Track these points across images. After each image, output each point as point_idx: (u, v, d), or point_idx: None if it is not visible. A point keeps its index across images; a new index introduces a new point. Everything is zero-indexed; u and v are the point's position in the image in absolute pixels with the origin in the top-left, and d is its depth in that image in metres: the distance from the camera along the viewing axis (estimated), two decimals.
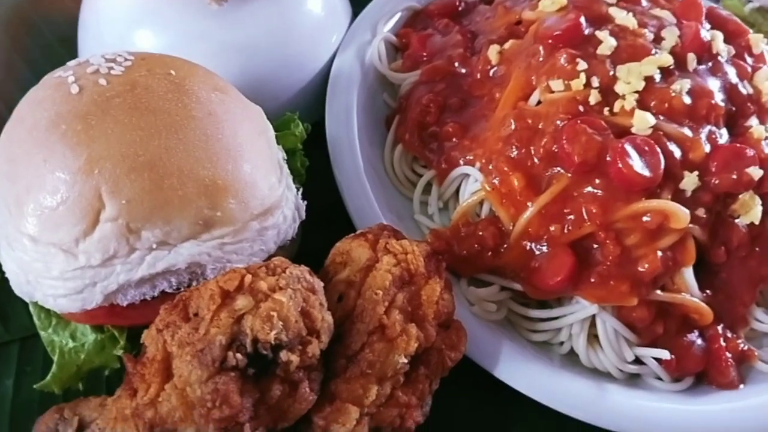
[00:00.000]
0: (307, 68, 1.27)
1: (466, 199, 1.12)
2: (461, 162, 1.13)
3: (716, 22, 1.21)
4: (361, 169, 1.16)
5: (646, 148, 0.99)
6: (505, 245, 1.07)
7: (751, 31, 1.23)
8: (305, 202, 1.00)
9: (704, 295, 1.06)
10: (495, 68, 1.19)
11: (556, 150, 1.02)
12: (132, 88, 0.87)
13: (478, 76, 1.20)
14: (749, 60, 1.18)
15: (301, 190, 1.01)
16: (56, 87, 0.89)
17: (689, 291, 1.04)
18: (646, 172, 0.97)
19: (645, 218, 0.99)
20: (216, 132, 0.88)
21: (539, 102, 1.09)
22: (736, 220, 1.07)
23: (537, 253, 1.04)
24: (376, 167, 1.21)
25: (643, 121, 1.01)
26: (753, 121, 1.13)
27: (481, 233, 1.08)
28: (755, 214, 1.06)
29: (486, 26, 1.29)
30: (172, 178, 0.83)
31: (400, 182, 1.22)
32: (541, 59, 1.11)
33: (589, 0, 1.17)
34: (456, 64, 1.24)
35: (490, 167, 1.08)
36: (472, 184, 1.12)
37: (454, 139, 1.15)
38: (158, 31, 1.18)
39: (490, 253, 1.07)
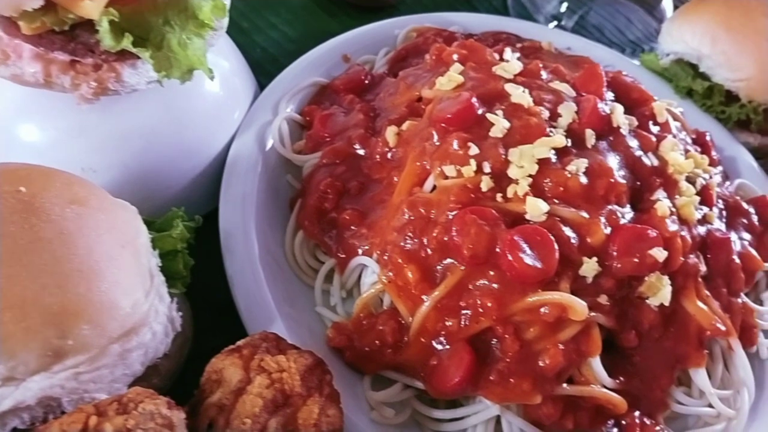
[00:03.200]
0: (203, 154, 1.22)
1: (366, 290, 1.06)
2: (359, 251, 1.08)
3: (620, 90, 1.18)
4: (256, 259, 1.09)
5: (538, 238, 0.94)
6: (406, 340, 1.01)
7: (655, 98, 1.20)
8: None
9: (618, 381, 1.01)
10: (393, 150, 1.14)
11: (447, 241, 0.97)
12: None
13: (378, 158, 1.16)
14: (655, 129, 1.15)
15: (175, 300, 0.94)
16: None
17: (598, 381, 0.98)
18: (538, 264, 0.93)
19: (543, 310, 0.94)
20: (67, 252, 0.82)
21: (435, 188, 1.04)
22: (647, 301, 1.03)
23: (438, 349, 0.99)
24: (276, 255, 1.15)
25: (535, 208, 0.97)
26: (660, 194, 1.09)
27: (381, 327, 1.02)
28: (664, 296, 1.01)
29: (388, 103, 1.26)
30: (13, 309, 0.77)
31: (303, 271, 1.15)
32: (435, 143, 1.07)
33: (485, 77, 1.14)
34: (356, 146, 1.19)
35: (386, 258, 1.03)
36: (371, 276, 1.06)
37: (352, 227, 1.10)
38: (42, 125, 1.13)
39: (390, 350, 1.01)
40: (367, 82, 1.35)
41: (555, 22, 1.79)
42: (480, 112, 1.07)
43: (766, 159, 1.49)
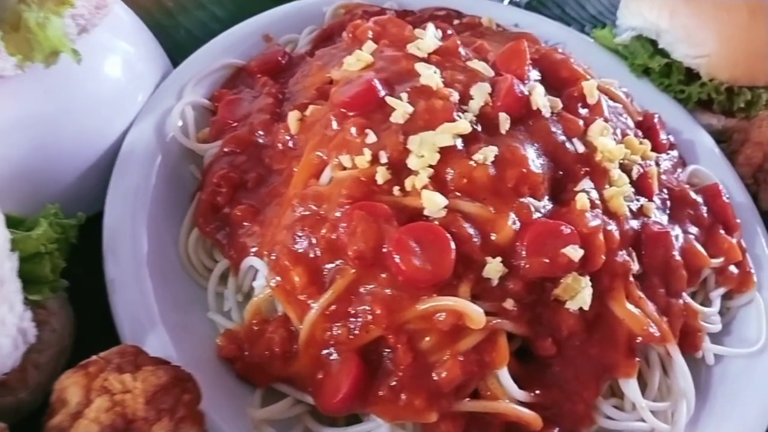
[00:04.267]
0: (96, 145, 1.11)
1: (256, 294, 0.96)
2: (251, 251, 0.98)
3: (547, 69, 1.06)
4: (143, 261, 0.99)
5: (431, 236, 0.83)
6: (296, 350, 0.91)
7: (589, 76, 1.08)
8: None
9: (533, 395, 0.90)
10: (295, 138, 1.04)
11: (336, 240, 0.87)
12: None
13: (280, 146, 1.05)
14: (584, 112, 1.03)
15: (29, 309, 0.85)
16: None
17: (507, 395, 0.88)
18: (428, 266, 0.82)
19: (438, 318, 0.84)
20: None
21: (332, 181, 0.94)
22: (566, 305, 0.92)
23: (330, 360, 0.89)
24: (171, 256, 1.05)
25: (432, 203, 0.86)
26: (586, 184, 0.97)
27: (270, 336, 0.92)
28: (583, 299, 0.90)
29: (300, 86, 1.15)
30: None
31: (198, 272, 1.05)
32: (334, 130, 0.96)
33: (396, 56, 1.03)
34: (259, 133, 1.08)
35: (273, 259, 0.92)
36: (261, 279, 0.96)
37: (244, 224, 1.00)
38: None
39: (279, 361, 0.91)
40: (284, 62, 1.24)
41: (508, 0, 1.66)
42: (383, 94, 0.95)
43: (729, 141, 1.37)
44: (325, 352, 0.88)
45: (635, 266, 0.97)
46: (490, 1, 1.55)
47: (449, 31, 1.20)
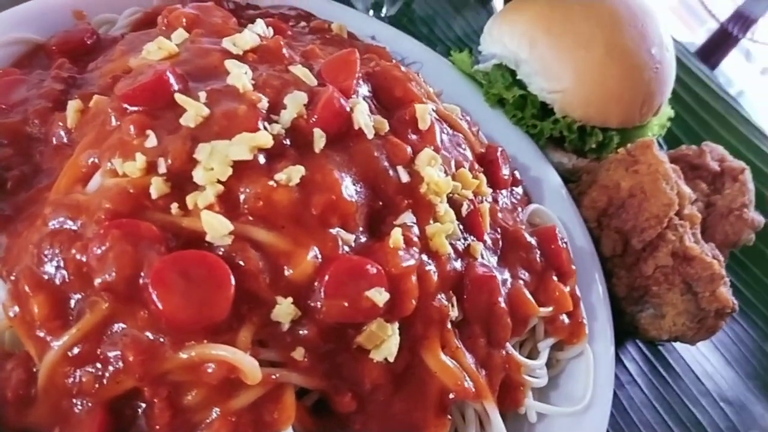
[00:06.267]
0: None
1: None
2: None
3: (381, 86, 0.95)
4: None
5: (203, 269, 0.68)
6: (34, 394, 0.73)
7: (426, 100, 0.98)
8: None
9: None
10: (72, 133, 0.86)
11: (86, 264, 0.70)
12: None
13: (54, 141, 0.87)
14: (414, 138, 0.92)
15: None
16: None
17: None
18: (194, 306, 0.67)
19: (208, 369, 0.68)
20: None
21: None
22: (370, 354, 0.79)
23: (73, 412, 0.71)
24: None
25: (213, 228, 0.71)
26: (407, 218, 0.86)
27: (7, 375, 0.73)
28: (388, 349, 0.78)
29: (98, 73, 0.96)
30: None
31: None
32: (112, 126, 0.79)
33: (206, 49, 0.87)
34: (33, 123, 0.89)
35: (13, 280, 0.74)
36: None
37: None
38: None
39: (13, 407, 0.73)
40: (89, 43, 1.06)
41: (372, 11, 1.55)
42: (174, 89, 0.80)
43: (578, 182, 1.32)
44: (67, 401, 0.71)
45: (454, 312, 0.87)
46: (353, 10, 1.44)
47: (289, 33, 1.07)
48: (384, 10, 1.55)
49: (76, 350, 0.70)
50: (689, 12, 2.58)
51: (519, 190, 1.19)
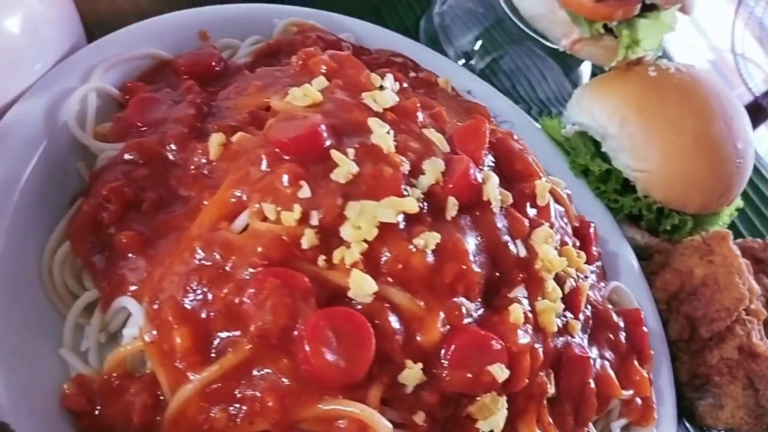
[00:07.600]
0: None
1: (124, 344, 0.79)
2: (129, 290, 0.81)
3: (503, 156, 0.98)
4: None
5: (352, 328, 0.71)
6: (159, 421, 0.75)
7: (541, 175, 1.01)
8: None
9: None
10: (213, 165, 0.88)
11: (238, 306, 0.73)
12: None
13: (192, 170, 0.89)
14: (532, 212, 0.96)
15: None
16: None
17: None
18: (342, 363, 0.70)
19: (339, 424, 0.71)
20: None
21: (247, 228, 0.79)
22: (477, 424, 0.82)
23: None
24: (30, 266, 0.86)
25: (360, 286, 0.74)
26: (519, 292, 0.89)
27: (131, 398, 0.76)
28: (496, 422, 0.81)
29: (231, 103, 0.99)
30: None
31: (58, 295, 0.86)
32: (262, 170, 0.82)
33: (349, 103, 0.91)
34: (170, 146, 0.92)
35: (155, 308, 0.76)
36: (134, 327, 0.79)
37: (129, 255, 0.83)
38: None
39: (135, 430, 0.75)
40: (218, 69, 1.09)
41: (464, 60, 1.59)
42: (327, 144, 0.83)
43: (649, 261, 1.35)
44: None
45: (551, 389, 0.90)
46: (447, 60, 1.47)
47: (404, 84, 1.10)
48: (474, 61, 1.59)
49: (214, 387, 0.72)
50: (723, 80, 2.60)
51: (599, 263, 1.22)
